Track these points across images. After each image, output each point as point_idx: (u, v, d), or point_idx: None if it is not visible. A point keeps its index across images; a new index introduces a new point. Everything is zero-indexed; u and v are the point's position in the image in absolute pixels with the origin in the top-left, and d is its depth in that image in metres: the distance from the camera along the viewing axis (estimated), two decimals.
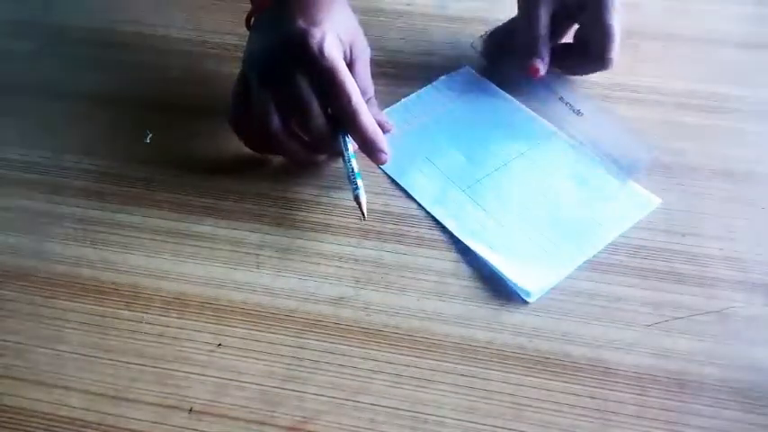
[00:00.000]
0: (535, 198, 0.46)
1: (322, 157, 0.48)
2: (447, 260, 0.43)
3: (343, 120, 0.44)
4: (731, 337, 0.39)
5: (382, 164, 0.46)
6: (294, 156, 0.46)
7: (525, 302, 0.41)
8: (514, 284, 0.41)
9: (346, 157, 0.45)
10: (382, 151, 0.45)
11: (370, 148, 0.45)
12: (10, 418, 0.36)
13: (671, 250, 0.43)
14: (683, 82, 0.53)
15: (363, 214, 0.44)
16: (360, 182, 0.44)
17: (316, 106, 0.44)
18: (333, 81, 0.43)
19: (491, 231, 0.44)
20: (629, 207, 0.45)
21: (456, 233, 0.44)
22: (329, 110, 0.45)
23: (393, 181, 0.47)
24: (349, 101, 0.44)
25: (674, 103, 0.52)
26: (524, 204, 0.45)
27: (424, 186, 0.47)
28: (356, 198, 0.44)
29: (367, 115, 0.44)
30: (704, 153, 0.48)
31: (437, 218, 0.45)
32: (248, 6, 0.50)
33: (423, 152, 0.49)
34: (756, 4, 0.61)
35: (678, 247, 0.43)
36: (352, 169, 0.45)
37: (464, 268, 0.42)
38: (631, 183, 0.46)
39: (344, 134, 0.45)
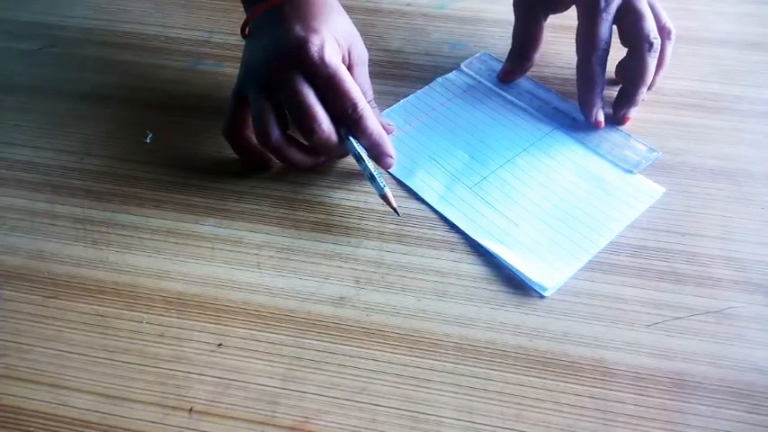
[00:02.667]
0: (542, 193, 0.46)
1: (322, 158, 0.48)
2: (447, 260, 0.43)
3: (348, 125, 0.44)
4: (731, 337, 0.39)
5: (389, 168, 0.47)
6: (297, 163, 0.46)
7: (525, 302, 0.41)
8: (529, 280, 0.41)
9: (363, 158, 0.45)
10: (389, 155, 0.46)
11: (377, 153, 0.45)
12: (10, 418, 0.36)
13: (671, 250, 0.43)
14: (683, 82, 0.53)
15: (395, 210, 0.44)
16: (383, 180, 0.44)
17: (322, 111, 0.43)
18: (336, 87, 0.43)
19: (501, 228, 0.44)
20: (634, 197, 0.45)
21: (467, 231, 0.44)
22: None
23: (393, 181, 0.47)
24: (354, 107, 0.44)
25: (674, 103, 0.52)
26: (532, 200, 0.46)
27: (430, 186, 0.47)
28: (384, 197, 0.44)
29: (372, 119, 0.45)
30: (704, 153, 0.48)
31: (446, 217, 0.45)
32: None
33: (426, 152, 0.49)
34: (756, 4, 0.61)
35: (678, 247, 0.43)
36: (373, 168, 0.45)
37: (464, 268, 0.42)
38: (635, 174, 0.47)
39: (353, 136, 0.45)
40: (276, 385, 0.37)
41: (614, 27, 0.49)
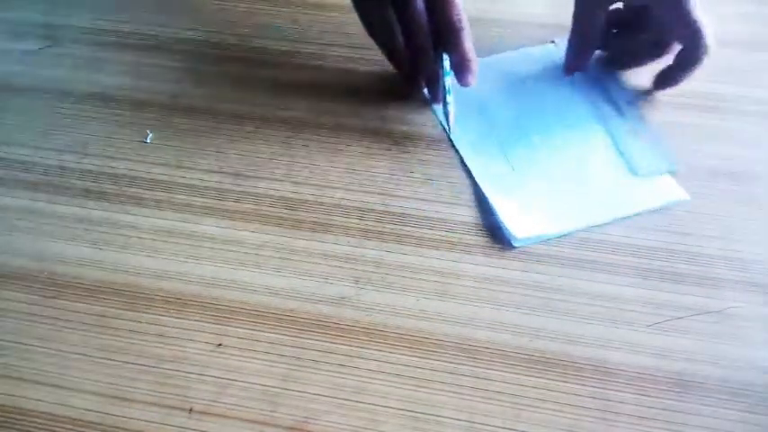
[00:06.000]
0: (565, 165, 0.48)
1: (422, 83, 0.51)
2: (447, 260, 0.43)
3: (447, 34, 0.47)
4: (731, 337, 0.39)
5: (467, 86, 0.49)
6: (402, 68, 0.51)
7: (526, 303, 0.41)
8: (503, 226, 0.43)
9: (442, 73, 0.49)
10: (473, 73, 0.48)
11: (465, 67, 0.48)
12: (10, 418, 0.36)
13: (671, 250, 0.43)
14: (684, 82, 0.53)
15: (449, 127, 0.49)
16: (450, 97, 0.48)
17: (426, 24, 0.47)
18: None
19: (507, 180, 0.46)
20: (652, 192, 0.46)
21: (474, 172, 0.47)
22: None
23: (393, 181, 0.47)
24: (460, 16, 0.47)
25: (673, 103, 0.52)
26: (552, 168, 0.47)
27: (465, 127, 0.49)
28: (447, 114, 0.48)
29: (470, 36, 0.47)
30: (704, 153, 0.48)
31: (456, 145, 0.48)
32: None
33: (477, 101, 0.51)
34: (757, 4, 0.61)
35: (678, 247, 0.43)
36: (447, 85, 0.48)
37: (464, 268, 0.42)
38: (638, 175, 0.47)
39: (442, 53, 0.49)
40: (276, 385, 0.37)
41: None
